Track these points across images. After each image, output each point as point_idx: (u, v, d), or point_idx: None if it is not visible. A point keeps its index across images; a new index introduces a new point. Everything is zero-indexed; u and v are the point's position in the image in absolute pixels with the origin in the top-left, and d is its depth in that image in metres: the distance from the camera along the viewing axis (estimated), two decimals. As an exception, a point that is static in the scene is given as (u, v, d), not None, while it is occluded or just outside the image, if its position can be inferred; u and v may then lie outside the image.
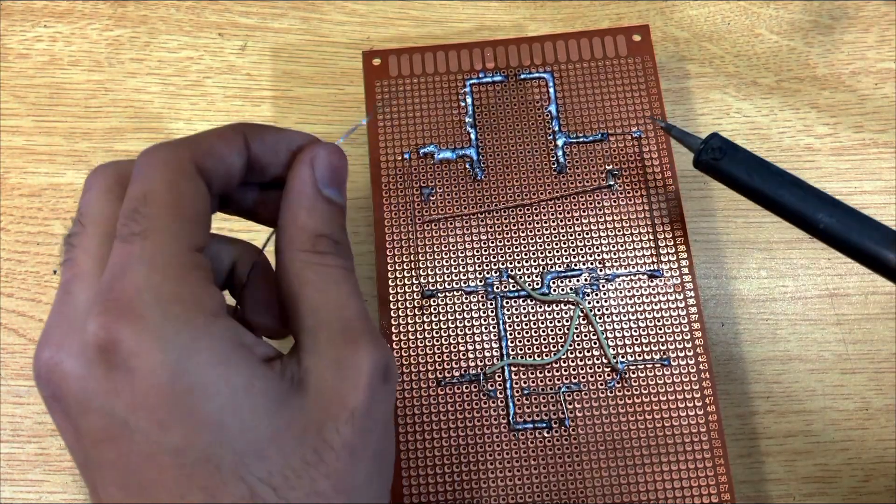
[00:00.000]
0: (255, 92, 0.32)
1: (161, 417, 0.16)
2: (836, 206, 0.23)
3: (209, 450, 0.16)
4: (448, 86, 0.29)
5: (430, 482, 0.25)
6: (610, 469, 0.25)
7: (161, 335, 0.16)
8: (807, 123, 0.31)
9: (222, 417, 0.16)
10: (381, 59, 0.30)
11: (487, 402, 0.26)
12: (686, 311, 0.26)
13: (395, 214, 0.28)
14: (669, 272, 0.27)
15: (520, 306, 0.27)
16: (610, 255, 0.27)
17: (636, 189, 0.28)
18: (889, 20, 0.32)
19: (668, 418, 0.25)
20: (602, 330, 0.26)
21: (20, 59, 0.32)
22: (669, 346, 0.26)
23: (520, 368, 0.26)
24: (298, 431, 0.17)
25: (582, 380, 0.26)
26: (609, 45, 0.30)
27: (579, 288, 0.27)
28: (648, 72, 0.29)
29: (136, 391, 0.16)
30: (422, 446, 0.25)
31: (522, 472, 0.25)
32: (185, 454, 0.16)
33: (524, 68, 0.30)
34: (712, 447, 0.25)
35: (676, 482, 0.25)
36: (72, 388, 0.17)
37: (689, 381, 0.26)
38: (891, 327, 0.28)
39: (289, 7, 0.33)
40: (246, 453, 0.16)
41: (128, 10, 0.33)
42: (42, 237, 0.30)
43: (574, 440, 0.25)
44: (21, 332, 0.29)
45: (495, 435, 0.25)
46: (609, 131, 0.29)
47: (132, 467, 0.16)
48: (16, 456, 0.28)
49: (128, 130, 0.31)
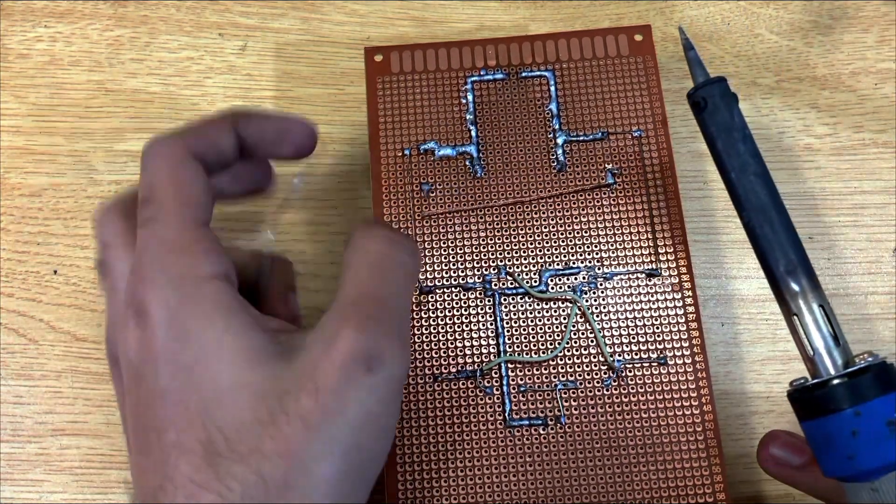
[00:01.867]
0: (255, 92, 0.32)
1: (156, 365, 0.19)
2: (764, 212, 0.22)
3: (183, 393, 0.19)
4: (449, 83, 0.29)
5: (426, 478, 0.25)
6: (605, 467, 0.25)
7: (162, 296, 0.19)
8: (807, 123, 0.31)
9: (195, 364, 0.19)
10: (384, 56, 0.30)
11: (484, 399, 0.26)
12: (684, 311, 0.26)
13: (394, 210, 0.28)
14: (668, 271, 0.27)
15: (517, 303, 0.27)
16: (608, 253, 0.27)
17: (636, 188, 0.28)
18: (889, 20, 0.32)
19: (664, 417, 0.25)
20: (599, 328, 0.26)
21: (20, 59, 0.32)
22: (667, 346, 0.26)
23: (516, 365, 0.26)
24: (261, 391, 0.18)
25: (578, 377, 0.26)
26: (611, 45, 0.30)
27: (577, 286, 0.27)
28: (650, 71, 0.29)
29: (144, 344, 0.19)
30: (417, 442, 0.25)
31: (518, 468, 0.25)
32: (167, 396, 0.19)
33: (525, 66, 0.30)
34: (708, 447, 0.25)
35: (671, 481, 0.25)
36: (119, 350, 0.20)
37: (685, 380, 0.26)
38: (891, 327, 0.28)
39: (289, 7, 0.33)
40: (209, 399, 0.18)
41: (128, 11, 0.33)
42: (42, 237, 0.30)
43: (570, 437, 0.25)
44: (21, 332, 0.29)
45: (491, 431, 0.25)
46: (609, 130, 0.29)
47: (139, 412, 0.19)
48: (16, 456, 0.28)
49: (128, 130, 0.31)
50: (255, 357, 0.19)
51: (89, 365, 0.29)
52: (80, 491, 0.27)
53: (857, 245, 0.29)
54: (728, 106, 0.23)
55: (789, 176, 0.30)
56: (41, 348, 0.29)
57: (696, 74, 0.24)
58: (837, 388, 0.20)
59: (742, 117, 0.23)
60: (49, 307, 0.29)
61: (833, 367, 0.21)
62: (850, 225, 0.29)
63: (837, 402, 0.20)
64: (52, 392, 0.28)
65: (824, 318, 0.21)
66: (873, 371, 0.20)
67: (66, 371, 0.29)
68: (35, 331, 0.29)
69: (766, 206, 0.22)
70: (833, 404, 0.20)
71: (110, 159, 0.31)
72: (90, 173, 0.31)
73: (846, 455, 0.20)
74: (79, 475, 0.27)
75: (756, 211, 0.22)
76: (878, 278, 0.29)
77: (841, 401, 0.20)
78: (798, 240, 0.22)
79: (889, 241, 0.29)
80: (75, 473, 0.27)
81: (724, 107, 0.23)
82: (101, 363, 0.29)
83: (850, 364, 0.21)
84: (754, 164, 0.23)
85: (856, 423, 0.20)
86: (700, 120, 0.23)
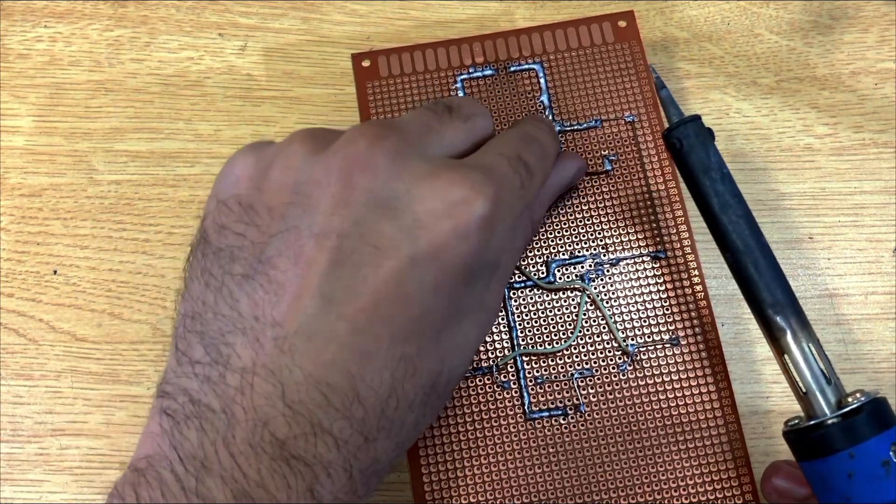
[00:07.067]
0: (255, 92, 0.32)
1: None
2: (748, 251, 0.22)
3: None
4: (440, 83, 0.29)
5: (451, 477, 0.25)
6: (628, 451, 0.25)
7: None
8: (807, 123, 0.31)
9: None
10: (371, 61, 0.30)
11: (502, 394, 0.26)
12: (692, 290, 0.27)
13: None
14: (672, 252, 0.27)
15: (527, 296, 0.27)
16: (612, 239, 0.27)
17: (633, 173, 0.28)
18: (889, 20, 0.32)
19: (681, 397, 0.26)
20: (610, 314, 0.27)
21: (20, 59, 0.32)
22: (678, 326, 0.26)
23: (531, 358, 0.26)
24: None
25: (594, 365, 0.26)
26: (596, 33, 0.30)
27: (584, 274, 0.27)
28: (636, 56, 0.29)
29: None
30: (440, 441, 0.25)
31: (542, 459, 0.25)
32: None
33: (513, 60, 0.30)
34: (727, 423, 0.25)
35: (694, 459, 0.25)
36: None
37: (699, 358, 0.26)
38: (891, 327, 0.28)
39: (289, 7, 0.33)
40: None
41: (128, 11, 0.33)
42: (42, 237, 0.30)
43: (590, 425, 0.25)
44: (21, 332, 0.29)
45: (512, 426, 0.26)
46: (602, 118, 0.29)
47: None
48: (16, 456, 0.28)
49: (128, 130, 0.31)
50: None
51: (89, 365, 0.29)
52: (80, 491, 0.27)
53: (857, 245, 0.29)
54: (704, 145, 0.23)
55: (789, 176, 0.30)
56: (41, 348, 0.29)
57: (671, 114, 0.24)
58: (831, 430, 0.20)
59: (719, 155, 0.23)
60: (49, 307, 0.29)
61: (826, 407, 0.21)
62: (850, 225, 0.29)
63: (832, 445, 0.20)
64: (51, 392, 0.28)
65: (814, 356, 0.21)
66: (866, 411, 0.20)
67: (65, 371, 0.29)
68: (35, 331, 0.29)
69: (751, 245, 0.22)
70: (827, 446, 0.20)
71: (110, 159, 0.31)
72: (90, 173, 0.31)
73: (843, 496, 0.20)
74: (79, 475, 0.27)
75: (740, 251, 0.22)
76: (878, 278, 0.29)
77: (835, 443, 0.20)
78: (784, 278, 0.22)
79: (889, 241, 0.29)
80: (75, 473, 0.27)
81: (699, 146, 0.23)
82: (101, 363, 0.29)
83: (842, 403, 0.21)
84: (735, 203, 0.23)
85: (851, 466, 0.20)
86: (677, 161, 0.24)
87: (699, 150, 0.23)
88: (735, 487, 0.25)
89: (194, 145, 0.31)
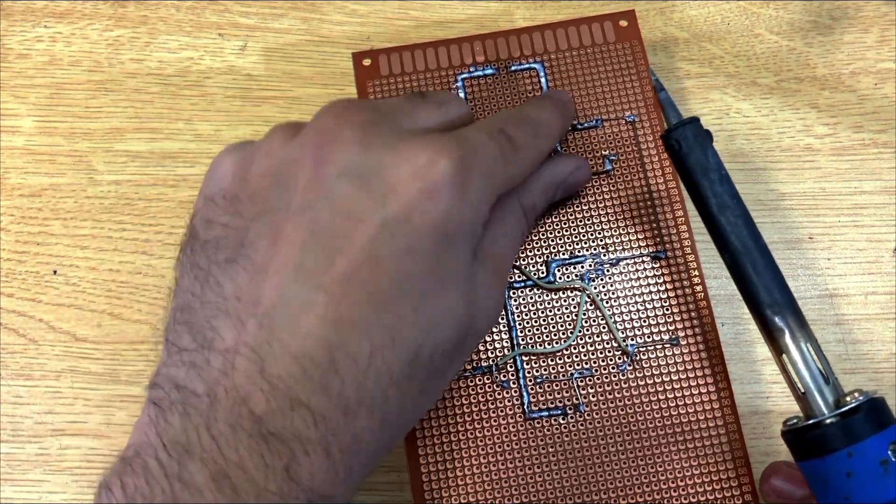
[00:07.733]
0: (255, 92, 0.32)
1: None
2: (746, 252, 0.22)
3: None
4: (440, 82, 0.29)
5: (451, 476, 0.25)
6: (627, 452, 0.25)
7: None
8: (807, 123, 0.31)
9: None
10: (372, 60, 0.30)
11: (501, 393, 0.26)
12: (692, 290, 0.27)
13: None
14: (672, 252, 0.27)
15: (527, 296, 0.27)
16: (612, 239, 0.27)
17: (634, 172, 0.28)
18: (889, 20, 0.32)
19: (681, 397, 0.26)
20: (610, 314, 0.27)
21: (20, 59, 0.32)
22: (678, 326, 0.26)
23: (531, 357, 0.26)
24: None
25: (594, 365, 0.26)
26: (597, 32, 0.30)
27: (584, 274, 0.27)
28: (637, 56, 0.29)
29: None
30: (439, 441, 0.25)
31: (541, 459, 0.25)
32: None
33: (514, 60, 0.30)
34: (727, 423, 0.25)
35: (694, 460, 0.25)
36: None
37: (699, 358, 0.26)
38: (891, 327, 0.28)
39: (289, 7, 0.33)
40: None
41: (128, 11, 0.33)
42: (42, 237, 0.30)
43: (590, 425, 0.25)
44: (21, 332, 0.29)
45: (511, 425, 0.26)
46: (603, 117, 0.29)
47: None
48: (16, 456, 0.28)
49: (128, 130, 0.31)
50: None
51: (89, 365, 0.29)
52: (80, 491, 0.27)
53: (857, 245, 0.29)
54: (702, 146, 0.23)
55: (789, 176, 0.30)
56: (41, 348, 0.29)
57: (669, 116, 0.24)
58: (829, 430, 0.20)
59: (717, 157, 0.23)
60: (49, 307, 0.29)
61: (825, 407, 0.21)
62: (850, 225, 0.29)
63: (830, 444, 0.20)
64: (51, 392, 0.28)
65: (812, 356, 0.21)
66: (864, 410, 0.20)
67: (65, 371, 0.29)
68: (35, 331, 0.29)
69: (749, 246, 0.22)
70: (826, 446, 0.20)
71: (110, 159, 0.31)
72: (90, 173, 0.31)
73: (842, 495, 0.20)
74: (79, 475, 0.27)
75: (738, 252, 0.22)
76: (878, 278, 0.29)
77: (833, 442, 0.20)
78: (782, 278, 0.22)
79: (889, 241, 0.29)
80: (75, 474, 0.27)
81: (698, 148, 0.23)
82: (101, 363, 0.29)
83: (841, 403, 0.21)
84: (733, 204, 0.23)
85: (849, 465, 0.20)
86: (675, 162, 0.24)
87: (697, 152, 0.23)
88: (734, 488, 0.25)
89: (194, 145, 0.31)
